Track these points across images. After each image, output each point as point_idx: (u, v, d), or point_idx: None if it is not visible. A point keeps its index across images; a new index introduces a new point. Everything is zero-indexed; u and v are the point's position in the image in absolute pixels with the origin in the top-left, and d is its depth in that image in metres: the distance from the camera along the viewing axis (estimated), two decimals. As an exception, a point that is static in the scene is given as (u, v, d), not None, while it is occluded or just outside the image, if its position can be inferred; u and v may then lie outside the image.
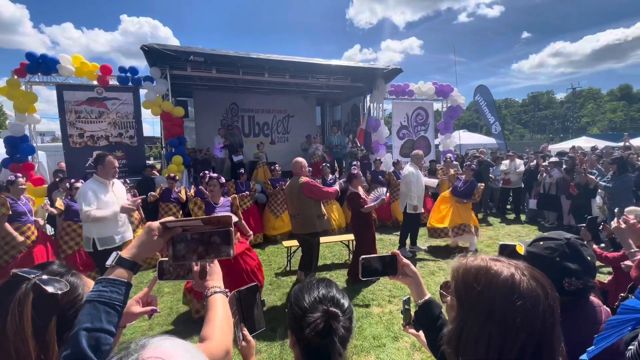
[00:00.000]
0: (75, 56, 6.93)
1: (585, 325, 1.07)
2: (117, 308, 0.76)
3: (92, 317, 0.72)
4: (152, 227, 0.86)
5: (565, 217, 7.50)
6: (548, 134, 49.03)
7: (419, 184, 5.80)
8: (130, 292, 0.82)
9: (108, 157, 3.49)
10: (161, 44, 7.14)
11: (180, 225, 0.88)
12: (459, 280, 0.74)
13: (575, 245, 1.09)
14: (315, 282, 0.96)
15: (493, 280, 0.69)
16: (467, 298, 0.71)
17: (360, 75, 9.38)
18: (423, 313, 1.10)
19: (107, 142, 7.38)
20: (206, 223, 0.88)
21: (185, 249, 0.89)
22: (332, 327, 0.84)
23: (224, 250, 0.90)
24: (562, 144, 18.45)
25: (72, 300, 0.81)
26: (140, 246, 0.85)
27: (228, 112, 11.25)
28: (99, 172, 3.48)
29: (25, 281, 0.77)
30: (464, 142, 16.61)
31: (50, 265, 0.86)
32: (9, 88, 6.52)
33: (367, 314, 3.82)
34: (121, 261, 0.82)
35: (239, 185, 7.08)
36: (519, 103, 61.72)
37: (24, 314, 0.73)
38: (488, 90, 14.06)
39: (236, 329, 1.02)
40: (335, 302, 0.90)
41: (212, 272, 1.01)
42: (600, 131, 39.07)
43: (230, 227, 0.89)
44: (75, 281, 0.84)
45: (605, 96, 51.20)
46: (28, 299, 0.75)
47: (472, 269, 0.73)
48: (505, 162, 8.72)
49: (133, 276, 0.84)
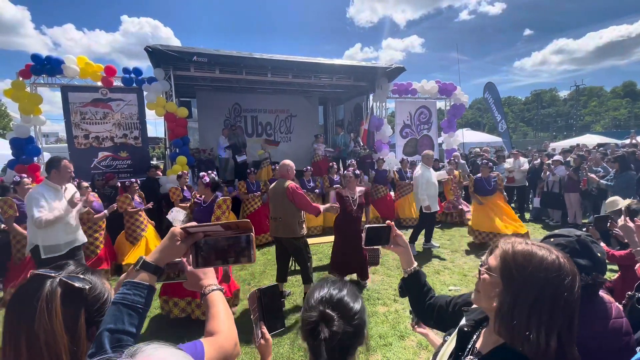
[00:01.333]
0: (79, 57, 6.98)
1: (596, 321, 1.07)
2: (139, 310, 0.80)
3: (115, 318, 0.75)
4: (175, 233, 0.89)
5: (570, 215, 7.48)
6: (551, 132, 48.80)
7: (430, 185, 5.82)
8: (153, 295, 0.85)
9: (64, 161, 3.28)
10: (165, 45, 7.17)
11: (202, 231, 0.90)
12: (510, 261, 0.82)
13: (585, 242, 1.10)
14: (330, 282, 0.95)
15: (543, 261, 0.79)
16: (519, 277, 0.79)
17: (363, 74, 9.37)
18: (413, 280, 1.29)
19: (112, 143, 7.43)
20: (226, 228, 0.91)
21: (207, 253, 0.92)
22: (322, 328, 0.83)
23: (245, 254, 0.91)
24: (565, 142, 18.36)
25: (96, 296, 0.83)
26: (163, 251, 0.88)
27: (231, 112, 11.29)
28: (52, 176, 3.25)
29: (48, 279, 0.78)
30: (467, 140, 16.56)
31: (67, 265, 0.87)
32: (14, 90, 6.58)
33: (372, 313, 3.83)
34: (145, 265, 0.85)
35: (250, 185, 7.07)
36: (521, 101, 61.39)
37: (54, 310, 0.74)
38: (496, 87, 13.98)
39: (255, 327, 1.04)
40: (337, 305, 0.88)
41: (206, 270, 1.02)
42: (604, 129, 38.84)
43: (251, 232, 0.90)
44: (96, 279, 0.86)
45: (608, 94, 50.84)
46: (56, 296, 0.76)
47: (524, 251, 0.82)
48: (509, 161, 8.69)
49: (156, 280, 0.87)
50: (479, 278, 0.88)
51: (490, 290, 0.84)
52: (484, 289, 0.86)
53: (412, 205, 7.94)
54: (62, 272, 0.82)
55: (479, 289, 0.88)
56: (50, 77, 6.98)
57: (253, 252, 0.91)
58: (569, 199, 7.40)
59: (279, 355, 3.12)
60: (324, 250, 6.21)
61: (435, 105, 10.74)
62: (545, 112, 53.83)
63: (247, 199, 6.97)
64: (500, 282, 0.82)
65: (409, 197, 7.98)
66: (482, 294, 0.87)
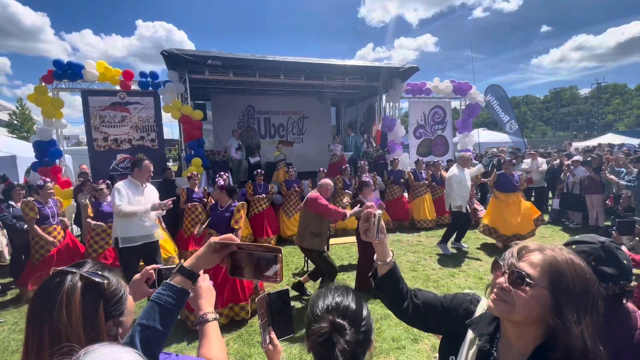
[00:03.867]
0: (99, 62, 7.18)
1: (620, 331, 1.03)
2: (170, 310, 0.88)
3: (148, 315, 0.86)
4: (212, 244, 0.96)
5: (591, 218, 7.23)
6: (571, 131, 47.35)
7: (462, 186, 5.77)
8: (186, 298, 0.93)
9: (145, 161, 3.81)
10: (180, 49, 7.31)
11: (236, 244, 0.97)
12: (564, 271, 0.81)
13: (610, 249, 1.05)
14: (332, 289, 0.93)
15: (582, 270, 0.81)
16: (575, 287, 0.79)
17: (375, 74, 9.31)
18: (392, 275, 1.11)
19: (130, 145, 7.60)
20: (258, 247, 0.97)
21: (240, 266, 0.98)
22: (335, 339, 0.80)
23: (273, 273, 0.95)
24: (586, 142, 17.78)
25: (113, 291, 0.85)
26: (200, 258, 0.96)
27: (244, 114, 11.41)
28: (134, 174, 3.79)
29: (69, 275, 0.81)
30: (483, 140, 16.22)
31: (85, 264, 0.90)
32: (37, 95, 6.81)
33: (386, 315, 3.79)
34: (181, 269, 0.94)
35: (256, 186, 7.14)
36: (540, 100, 59.77)
37: (73, 304, 0.77)
38: (500, 88, 13.76)
39: (263, 332, 1.03)
40: (345, 313, 0.85)
41: (209, 293, 1.07)
42: (627, 128, 37.41)
43: (280, 253, 0.95)
44: (112, 276, 0.88)
45: (633, 91, 48.93)
46: (76, 289, 0.79)
47: (570, 261, 0.82)
48: (527, 161, 8.48)
49: (191, 285, 0.95)
50: (510, 289, 0.82)
51: (533, 301, 0.80)
52: (524, 302, 0.80)
53: (427, 207, 7.84)
54: (82, 269, 0.85)
55: (507, 300, 0.82)
56: (71, 81, 7.21)
57: (280, 271, 0.95)
58: (590, 200, 7.15)
59: (291, 356, 3.12)
60: (337, 252, 6.19)
61: (450, 105, 10.57)
62: (564, 111, 52.28)
63: (253, 200, 7.02)
64: (547, 293, 0.80)
65: (424, 197, 7.89)
66: (517, 306, 0.81)
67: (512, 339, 0.87)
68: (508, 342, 0.88)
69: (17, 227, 4.95)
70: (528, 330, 0.84)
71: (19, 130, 26.49)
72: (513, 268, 0.83)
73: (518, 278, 0.81)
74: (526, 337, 0.85)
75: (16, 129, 26.58)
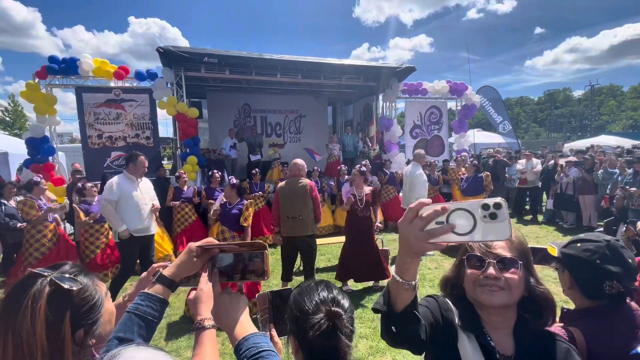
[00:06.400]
0: (95, 59, 7.10)
1: (623, 330, 1.03)
2: (150, 322, 0.82)
3: (125, 327, 0.78)
4: (192, 249, 0.91)
5: (584, 218, 7.30)
6: (565, 132, 47.81)
7: (425, 184, 5.91)
8: (165, 308, 0.88)
9: (140, 157, 3.86)
10: (176, 46, 7.24)
11: (217, 247, 0.93)
12: (523, 249, 0.92)
13: (615, 247, 1.05)
14: (314, 285, 0.94)
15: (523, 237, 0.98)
16: (528, 257, 0.93)
17: (372, 74, 9.32)
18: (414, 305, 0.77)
19: (125, 143, 7.53)
20: (241, 246, 0.93)
21: (224, 269, 0.94)
22: (336, 325, 0.83)
23: (259, 271, 0.93)
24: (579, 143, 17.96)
25: (84, 299, 0.81)
26: (179, 266, 0.91)
27: (241, 112, 11.35)
28: (129, 169, 3.84)
29: (40, 278, 0.78)
30: (479, 141, 16.32)
31: (63, 265, 0.87)
32: (29, 91, 6.72)
33: (382, 314, 3.79)
34: (160, 278, 0.88)
35: (253, 185, 7.11)
36: (534, 101, 60.22)
37: (38, 308, 0.74)
38: (492, 89, 13.89)
39: (262, 327, 1.02)
40: (336, 303, 0.89)
41: (209, 298, 0.99)
42: (621, 129, 37.86)
43: (265, 249, 0.92)
44: (88, 281, 0.85)
45: (627, 93, 49.45)
46: (43, 294, 0.76)
47: (521, 236, 0.95)
48: (522, 162, 8.53)
49: (170, 294, 0.90)
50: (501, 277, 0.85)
51: (521, 281, 0.87)
52: (517, 284, 0.86)
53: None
54: (56, 272, 0.82)
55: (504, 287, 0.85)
56: (65, 77, 7.11)
57: (267, 269, 0.92)
58: (583, 201, 7.22)
59: (291, 355, 3.09)
60: (333, 251, 6.18)
61: (446, 106, 10.62)
62: (558, 113, 52.78)
63: (249, 199, 6.98)
64: (523, 268, 0.87)
65: (419, 198, 7.90)
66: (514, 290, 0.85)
67: (499, 323, 0.89)
68: (495, 328, 0.90)
69: (9, 225, 4.88)
70: (513, 308, 0.89)
71: (11, 127, 26.09)
72: (497, 257, 0.86)
73: (508, 264, 0.85)
74: (511, 316, 0.89)
75: (8, 126, 26.19)
